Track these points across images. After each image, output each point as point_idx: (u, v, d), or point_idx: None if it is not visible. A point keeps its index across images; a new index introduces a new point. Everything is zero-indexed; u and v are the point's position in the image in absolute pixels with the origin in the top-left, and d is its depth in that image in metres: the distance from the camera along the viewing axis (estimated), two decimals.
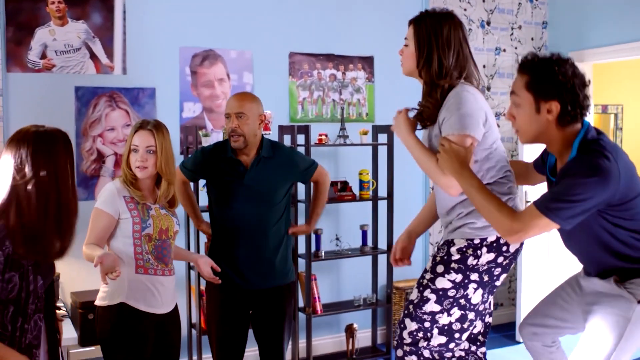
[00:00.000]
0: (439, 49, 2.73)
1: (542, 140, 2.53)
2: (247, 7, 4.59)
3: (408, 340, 2.78)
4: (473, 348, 2.99)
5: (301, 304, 4.59)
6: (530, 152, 4.53)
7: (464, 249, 2.70)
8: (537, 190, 4.29)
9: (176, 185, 3.45)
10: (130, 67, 4.26)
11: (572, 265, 5.27)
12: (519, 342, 5.16)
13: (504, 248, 2.71)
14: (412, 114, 2.85)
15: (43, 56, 4.03)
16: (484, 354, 3.03)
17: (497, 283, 2.82)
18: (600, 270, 2.54)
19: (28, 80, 4.00)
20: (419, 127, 2.85)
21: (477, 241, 2.69)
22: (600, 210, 2.39)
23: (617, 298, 2.47)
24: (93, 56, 4.16)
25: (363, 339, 5.00)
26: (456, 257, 2.71)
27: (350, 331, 4.73)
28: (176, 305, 3.12)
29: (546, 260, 5.20)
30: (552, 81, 2.41)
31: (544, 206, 2.37)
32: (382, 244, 4.85)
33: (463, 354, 2.99)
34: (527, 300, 5.19)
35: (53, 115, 3.95)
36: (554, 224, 2.37)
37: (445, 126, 2.64)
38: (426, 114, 2.77)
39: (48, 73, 4.05)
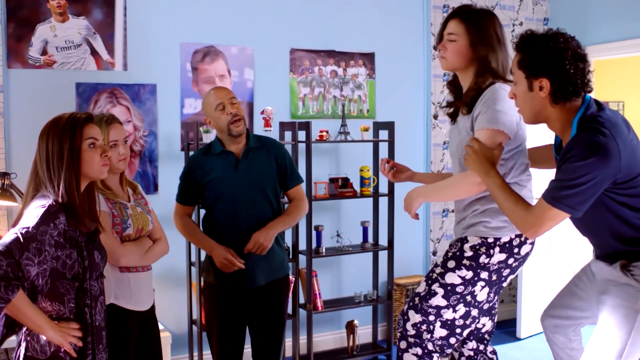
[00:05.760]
0: (493, 44, 2.77)
1: (541, 119, 2.51)
2: (248, 3, 4.58)
3: (412, 332, 2.80)
4: (481, 347, 3.01)
5: (302, 300, 4.59)
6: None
7: (477, 247, 2.73)
8: None
9: (178, 224, 3.36)
10: (131, 63, 4.26)
11: (574, 261, 5.29)
12: (519, 339, 5.17)
13: (516, 250, 2.74)
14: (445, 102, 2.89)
15: (44, 52, 4.03)
16: (494, 352, 3.04)
17: (504, 284, 2.85)
18: (608, 253, 2.52)
19: (29, 77, 4.00)
20: (450, 122, 2.91)
21: (490, 240, 2.72)
22: (607, 190, 2.35)
23: (624, 287, 2.44)
24: (94, 52, 4.16)
25: (364, 335, 5.00)
26: (469, 254, 2.73)
27: (350, 327, 4.73)
28: (153, 302, 3.06)
29: (547, 257, 5.20)
30: (539, 58, 2.39)
31: (550, 197, 2.36)
32: (383, 241, 4.86)
33: (472, 354, 3.00)
34: (528, 296, 5.19)
35: (54, 111, 3.88)
36: (564, 213, 2.35)
37: (479, 120, 2.67)
38: (466, 100, 2.78)
39: (49, 69, 4.05)
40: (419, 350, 2.79)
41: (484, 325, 2.99)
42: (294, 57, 4.76)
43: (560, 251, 5.26)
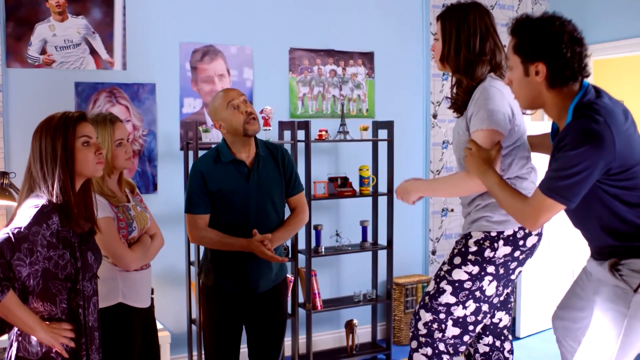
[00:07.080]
0: (463, 37, 2.76)
1: (538, 104, 2.48)
2: (247, 2, 4.58)
3: (423, 331, 2.80)
4: (497, 343, 3.00)
5: (301, 299, 4.59)
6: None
7: (481, 241, 2.73)
8: None
9: (195, 237, 3.22)
10: (130, 63, 4.26)
11: (573, 260, 5.29)
12: (519, 338, 5.17)
13: (521, 242, 2.74)
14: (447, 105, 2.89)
15: (43, 52, 4.03)
16: (512, 352, 3.03)
17: (513, 277, 2.84)
18: (599, 247, 2.49)
19: (28, 76, 4.00)
20: (456, 115, 2.90)
21: (494, 234, 2.72)
22: (599, 181, 2.31)
23: (613, 288, 2.40)
24: (93, 52, 4.16)
25: (363, 334, 5.00)
26: (473, 249, 2.74)
27: (350, 327, 4.73)
28: (152, 299, 3.08)
29: (546, 257, 5.20)
30: (535, 42, 2.36)
31: (545, 187, 2.33)
32: (382, 240, 4.85)
33: (487, 349, 2.99)
34: (527, 296, 5.19)
35: (53, 111, 3.85)
36: (560, 204, 2.32)
37: (473, 121, 2.68)
38: (460, 102, 2.81)
39: (48, 68, 4.05)
40: (429, 351, 2.78)
41: (500, 319, 2.98)
42: (293, 57, 4.76)
43: (559, 250, 5.26)
